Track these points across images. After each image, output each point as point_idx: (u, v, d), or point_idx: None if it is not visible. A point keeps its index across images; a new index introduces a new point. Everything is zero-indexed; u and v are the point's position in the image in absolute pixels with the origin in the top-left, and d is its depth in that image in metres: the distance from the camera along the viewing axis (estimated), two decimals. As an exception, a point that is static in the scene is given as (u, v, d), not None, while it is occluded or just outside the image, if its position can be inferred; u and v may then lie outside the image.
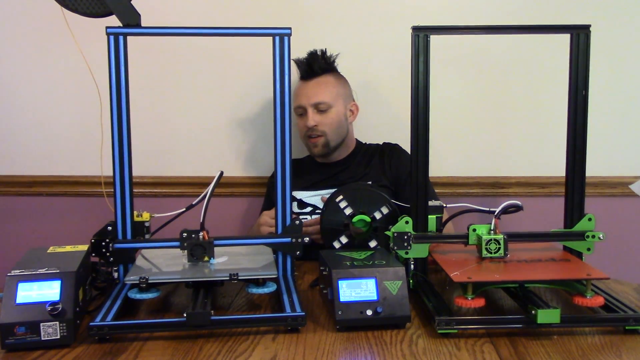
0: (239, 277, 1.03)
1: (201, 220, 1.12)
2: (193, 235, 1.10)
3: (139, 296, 1.03)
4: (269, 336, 0.96)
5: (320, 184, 1.72)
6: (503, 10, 1.83)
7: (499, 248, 1.10)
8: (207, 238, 1.10)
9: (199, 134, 1.88)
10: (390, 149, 1.77)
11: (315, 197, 1.69)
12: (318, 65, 1.70)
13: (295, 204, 1.70)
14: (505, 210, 1.13)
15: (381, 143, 1.81)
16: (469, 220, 1.25)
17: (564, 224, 1.19)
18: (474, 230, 1.12)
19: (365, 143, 1.83)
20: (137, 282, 1.02)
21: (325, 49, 1.72)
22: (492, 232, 1.11)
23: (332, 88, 1.70)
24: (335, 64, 1.75)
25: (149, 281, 1.02)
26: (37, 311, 0.92)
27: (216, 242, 1.12)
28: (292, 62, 1.63)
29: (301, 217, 1.67)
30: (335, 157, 1.77)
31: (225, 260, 1.12)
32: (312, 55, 1.71)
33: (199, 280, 1.06)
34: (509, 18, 1.82)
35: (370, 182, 1.67)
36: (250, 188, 1.90)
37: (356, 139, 1.81)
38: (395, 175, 1.70)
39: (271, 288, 1.07)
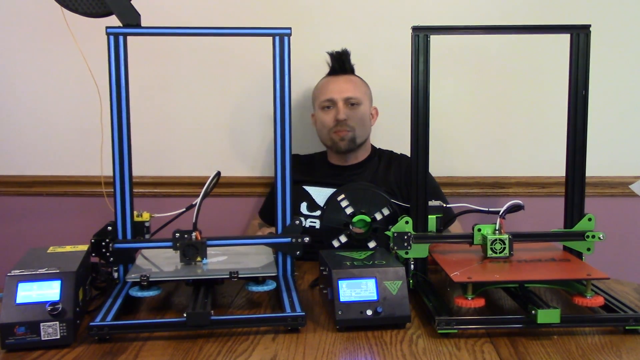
0: (239, 275, 1.04)
1: (194, 221, 1.11)
2: (185, 236, 1.10)
3: (140, 294, 1.04)
4: (269, 336, 0.96)
5: (334, 186, 1.67)
6: (503, 10, 1.83)
7: (504, 248, 1.10)
8: (199, 238, 1.10)
9: (199, 134, 1.88)
10: (409, 171, 1.69)
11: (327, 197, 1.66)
12: (349, 63, 1.73)
13: (304, 205, 1.69)
14: (507, 210, 1.13)
15: (398, 153, 1.78)
16: (468, 221, 1.24)
17: (564, 224, 1.19)
18: (479, 230, 1.12)
19: (379, 148, 1.81)
20: (139, 280, 1.02)
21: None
22: (497, 232, 1.12)
23: (360, 86, 1.72)
24: None
25: (150, 279, 1.02)
26: (37, 311, 0.92)
27: (209, 242, 1.12)
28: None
29: (309, 220, 1.65)
30: (352, 159, 1.75)
31: (225, 260, 1.13)
32: (344, 53, 1.73)
33: (199, 278, 1.07)
34: (509, 18, 1.82)
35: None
36: (250, 188, 1.90)
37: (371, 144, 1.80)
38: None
39: (271, 286, 1.08)
